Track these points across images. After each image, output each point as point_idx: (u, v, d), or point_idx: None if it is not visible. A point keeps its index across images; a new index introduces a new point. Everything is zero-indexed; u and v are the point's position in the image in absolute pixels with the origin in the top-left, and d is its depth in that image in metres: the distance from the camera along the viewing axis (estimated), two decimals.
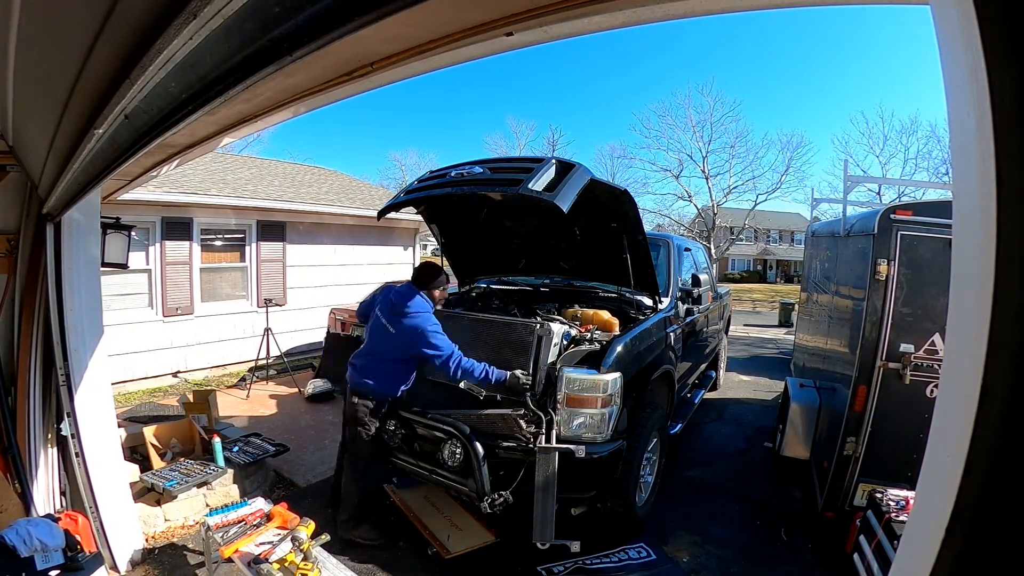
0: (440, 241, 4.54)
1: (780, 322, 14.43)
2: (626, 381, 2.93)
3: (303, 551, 2.33)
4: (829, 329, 4.36)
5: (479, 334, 3.25)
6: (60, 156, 2.20)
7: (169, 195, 6.46)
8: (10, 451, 2.80)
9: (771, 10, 0.98)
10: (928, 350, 2.98)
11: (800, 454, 4.02)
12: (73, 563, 2.37)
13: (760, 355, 9.97)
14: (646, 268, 3.58)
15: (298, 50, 0.90)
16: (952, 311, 0.57)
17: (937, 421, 0.58)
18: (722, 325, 6.86)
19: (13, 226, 2.95)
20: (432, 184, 3.32)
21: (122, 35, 1.15)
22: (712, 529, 3.49)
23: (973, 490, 0.50)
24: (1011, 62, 0.44)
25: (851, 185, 5.12)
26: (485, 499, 2.79)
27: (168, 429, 4.06)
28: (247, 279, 7.76)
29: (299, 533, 2.37)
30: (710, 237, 26.28)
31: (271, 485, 4.02)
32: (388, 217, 3.99)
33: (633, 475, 3.14)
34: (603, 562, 3.06)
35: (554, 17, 0.87)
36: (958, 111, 0.51)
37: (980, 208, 0.47)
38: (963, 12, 0.46)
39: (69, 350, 2.85)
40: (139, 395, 6.38)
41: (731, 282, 31.17)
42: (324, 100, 1.35)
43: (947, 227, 2.81)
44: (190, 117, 1.26)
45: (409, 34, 0.99)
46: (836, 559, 3.06)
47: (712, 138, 27.42)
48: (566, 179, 2.76)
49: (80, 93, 1.56)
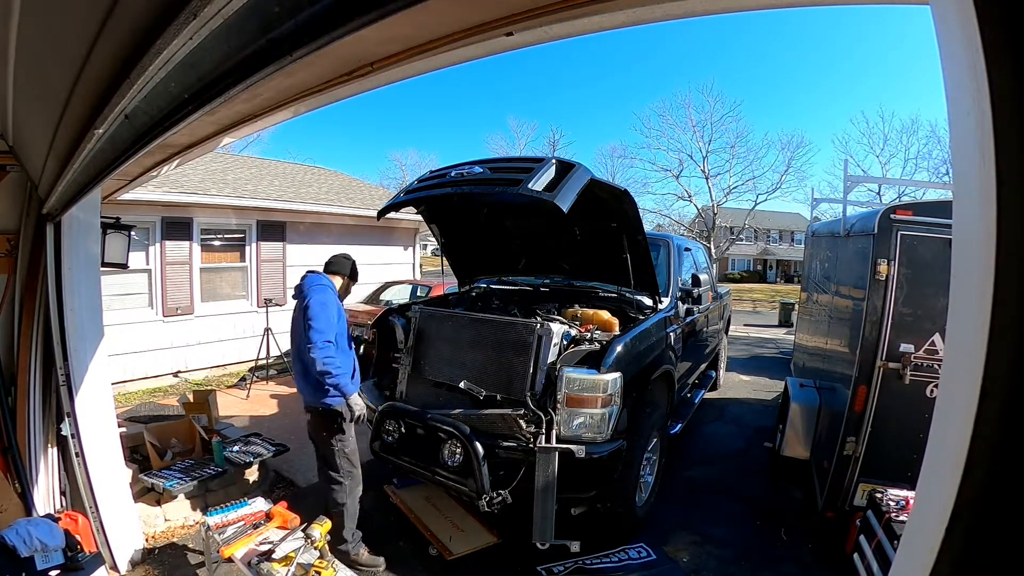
0: (440, 241, 4.54)
1: (780, 322, 14.44)
2: (626, 381, 2.93)
3: (318, 548, 2.33)
4: (829, 329, 4.36)
5: (479, 334, 3.25)
6: (60, 156, 2.19)
7: (169, 195, 6.46)
8: (10, 451, 2.81)
9: (771, 10, 0.98)
10: (928, 350, 2.98)
11: (800, 454, 4.02)
12: (73, 563, 2.37)
13: (760, 355, 9.97)
14: (646, 268, 3.58)
15: (298, 50, 0.90)
16: (952, 311, 0.57)
17: (937, 421, 0.58)
18: (722, 325, 6.86)
19: (13, 226, 2.96)
20: (432, 184, 3.32)
21: (122, 35, 1.15)
22: (712, 529, 3.49)
23: (973, 490, 0.49)
24: (1011, 62, 0.44)
25: (851, 185, 5.12)
26: (484, 497, 2.78)
27: (168, 429, 4.07)
28: (247, 279, 7.76)
29: (313, 531, 2.36)
30: (710, 237, 26.27)
31: (271, 485, 4.02)
32: (388, 217, 3.99)
33: (633, 475, 3.14)
34: (603, 562, 3.06)
35: (554, 17, 0.87)
36: (958, 110, 0.51)
37: (980, 208, 0.47)
38: (963, 12, 0.46)
39: (69, 350, 2.85)
40: (139, 395, 6.38)
41: (731, 282, 31.17)
42: (324, 100, 1.35)
43: (947, 227, 2.80)
44: (190, 117, 1.26)
45: (409, 34, 0.99)
46: (836, 559, 3.06)
47: (712, 138, 27.48)
48: (566, 179, 2.76)
49: (80, 93, 1.56)
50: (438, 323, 3.51)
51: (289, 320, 3.06)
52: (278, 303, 7.55)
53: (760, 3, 0.94)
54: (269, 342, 6.43)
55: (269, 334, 6.43)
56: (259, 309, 7.34)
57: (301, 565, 2.27)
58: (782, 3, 1.03)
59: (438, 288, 6.91)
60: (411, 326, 3.60)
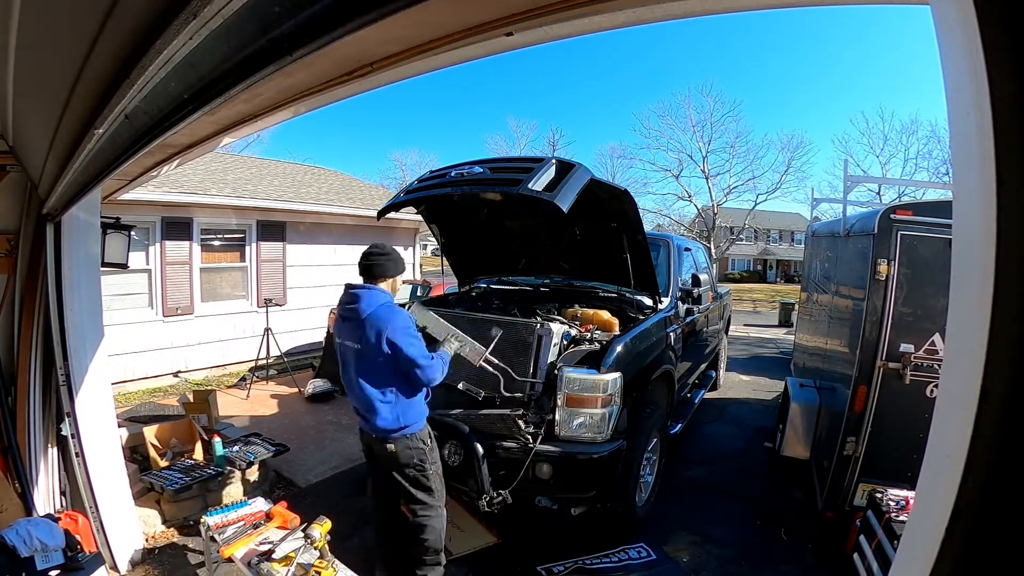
0: (440, 241, 4.54)
1: (780, 322, 14.43)
2: (626, 381, 2.93)
3: (317, 548, 2.32)
4: (829, 329, 4.36)
5: (479, 334, 3.24)
6: (60, 156, 2.19)
7: (169, 195, 6.46)
8: (10, 451, 2.80)
9: (771, 10, 0.98)
10: (928, 350, 2.98)
11: (800, 454, 4.02)
12: (73, 563, 2.37)
13: (760, 355, 9.97)
14: (646, 268, 3.58)
15: (298, 50, 0.90)
16: (952, 311, 0.57)
17: (937, 421, 0.58)
18: (722, 325, 6.85)
19: (13, 226, 2.95)
20: (432, 184, 3.32)
21: (122, 35, 1.15)
22: (712, 529, 3.49)
23: (973, 490, 0.50)
24: (1011, 62, 0.44)
25: (851, 185, 5.11)
26: (484, 497, 2.78)
27: (168, 429, 4.06)
28: (247, 279, 7.76)
29: (312, 531, 2.36)
30: (710, 237, 26.27)
31: (271, 485, 4.02)
32: (388, 217, 3.99)
33: (633, 475, 3.14)
34: (603, 562, 3.06)
35: (554, 17, 0.87)
36: (958, 111, 0.51)
37: (980, 208, 0.47)
38: (963, 12, 0.46)
39: (69, 350, 2.85)
40: (139, 395, 6.38)
41: (731, 282, 31.16)
42: (324, 100, 1.35)
43: (947, 227, 2.80)
44: (190, 117, 1.26)
45: (409, 34, 0.99)
46: (836, 559, 3.05)
47: (712, 138, 27.49)
48: (566, 179, 2.76)
49: (80, 93, 1.56)
50: None
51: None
52: (278, 303, 7.56)
53: (760, 3, 0.94)
54: (269, 342, 6.43)
55: (269, 334, 6.43)
56: (259, 309, 7.33)
57: (301, 565, 2.26)
58: (782, 3, 1.03)
59: (438, 288, 6.90)
60: None
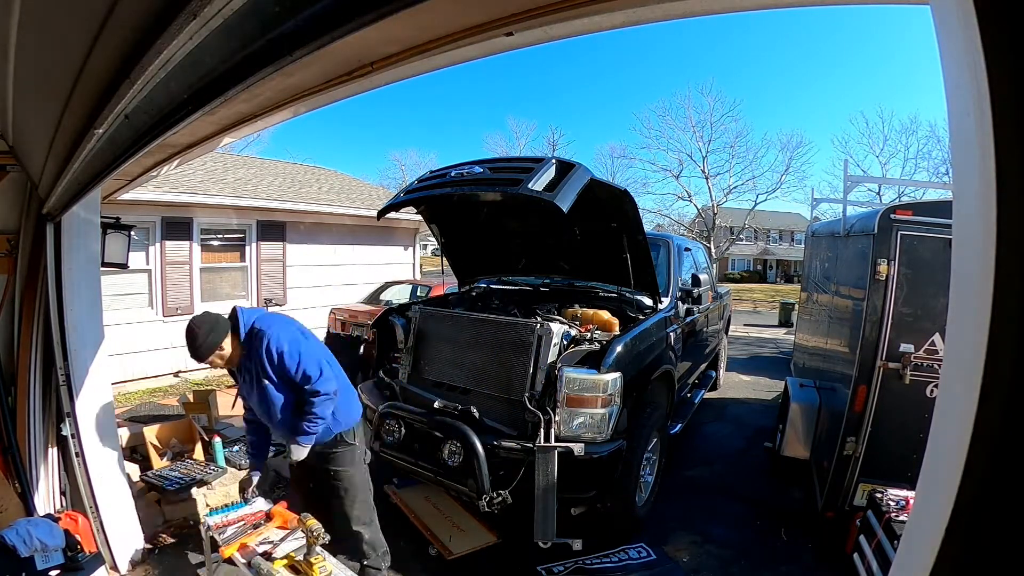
0: (440, 241, 4.54)
1: (780, 322, 14.43)
2: (626, 381, 2.93)
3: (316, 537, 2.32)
4: (829, 329, 4.36)
5: (479, 334, 3.25)
6: (60, 156, 2.19)
7: (169, 195, 6.46)
8: (10, 451, 2.80)
9: (771, 10, 0.98)
10: (928, 350, 2.97)
11: (800, 454, 4.02)
12: (73, 563, 2.37)
13: (760, 355, 9.97)
14: (646, 268, 3.57)
15: (298, 50, 0.90)
16: (952, 311, 0.57)
17: (937, 421, 0.58)
18: (722, 325, 6.85)
19: (13, 226, 2.95)
20: (432, 184, 3.32)
21: (122, 35, 1.15)
22: (712, 529, 3.49)
23: (973, 490, 0.50)
24: (1011, 62, 0.44)
25: (851, 185, 5.11)
26: (484, 497, 2.78)
27: (168, 429, 4.06)
28: (247, 279, 7.76)
29: (312, 524, 2.36)
30: (710, 237, 26.26)
31: (271, 485, 4.02)
32: (388, 217, 3.99)
33: (633, 475, 3.14)
34: (603, 562, 3.06)
35: (554, 17, 0.87)
36: (958, 111, 0.51)
37: (980, 208, 0.47)
38: (963, 12, 0.46)
39: (69, 350, 2.85)
40: (139, 395, 6.38)
41: (731, 282, 31.15)
42: (324, 100, 1.35)
43: (947, 227, 2.80)
44: (190, 117, 1.26)
45: (409, 34, 0.99)
46: (836, 559, 3.05)
47: (712, 138, 27.46)
48: (566, 179, 2.76)
49: (80, 93, 1.56)
50: (438, 323, 3.51)
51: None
52: (278, 303, 7.56)
53: (760, 3, 0.94)
54: None
55: None
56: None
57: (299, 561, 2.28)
58: (782, 3, 1.03)
59: (438, 288, 6.90)
60: (411, 326, 3.59)
